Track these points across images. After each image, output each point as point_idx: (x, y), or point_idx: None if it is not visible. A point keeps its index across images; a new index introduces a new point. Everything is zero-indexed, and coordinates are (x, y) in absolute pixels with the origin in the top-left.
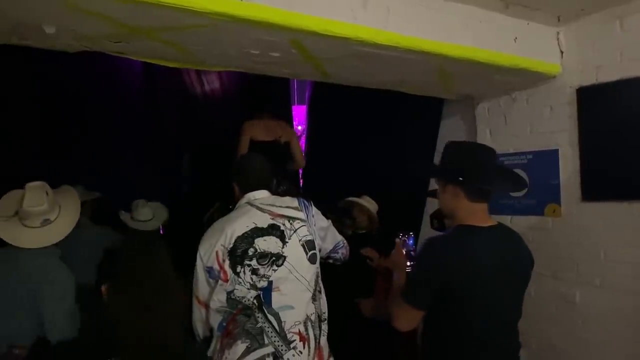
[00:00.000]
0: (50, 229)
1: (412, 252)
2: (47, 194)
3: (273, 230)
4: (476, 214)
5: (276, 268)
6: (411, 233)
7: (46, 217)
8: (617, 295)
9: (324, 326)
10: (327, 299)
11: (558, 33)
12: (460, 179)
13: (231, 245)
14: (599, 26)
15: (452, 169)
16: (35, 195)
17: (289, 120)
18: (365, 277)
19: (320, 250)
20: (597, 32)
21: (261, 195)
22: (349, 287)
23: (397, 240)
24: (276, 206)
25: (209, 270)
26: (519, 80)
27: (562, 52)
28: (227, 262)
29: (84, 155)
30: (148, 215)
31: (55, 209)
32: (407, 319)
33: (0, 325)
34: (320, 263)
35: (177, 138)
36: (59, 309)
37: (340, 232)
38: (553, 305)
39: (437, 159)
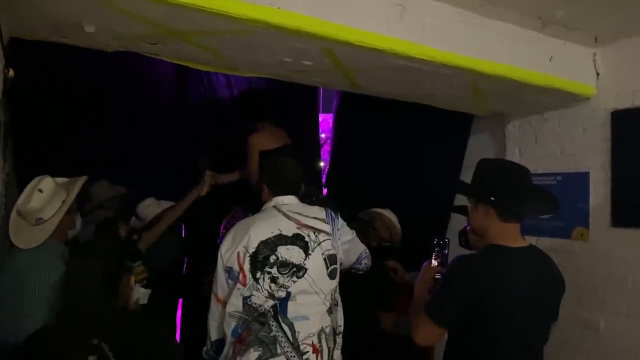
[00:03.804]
0: (42, 229)
1: (446, 260)
2: (40, 191)
3: (297, 240)
4: (508, 234)
5: (296, 279)
6: (447, 239)
7: (39, 216)
8: None
9: (339, 339)
10: (348, 310)
11: (595, 54)
12: (492, 198)
13: (254, 249)
14: (637, 49)
15: (484, 188)
16: (27, 193)
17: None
18: (387, 290)
19: (341, 264)
20: (635, 55)
21: (289, 201)
22: (370, 299)
23: (434, 254)
24: (303, 215)
25: (229, 271)
26: (552, 100)
27: (597, 74)
28: (248, 265)
29: (109, 150)
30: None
31: (51, 207)
32: (428, 334)
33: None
34: (343, 273)
35: (200, 140)
36: (35, 306)
37: (364, 243)
38: (576, 332)
39: (464, 175)
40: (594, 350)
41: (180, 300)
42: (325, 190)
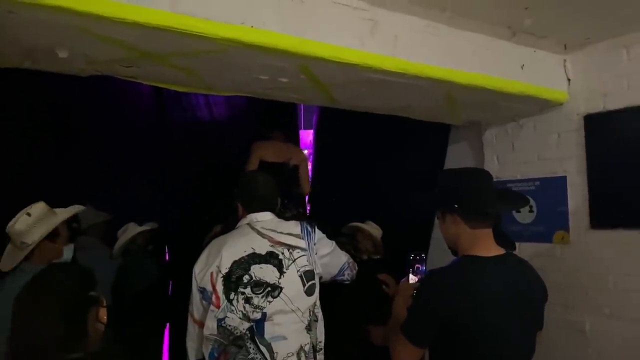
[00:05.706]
0: (23, 253)
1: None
2: (28, 215)
3: (271, 258)
4: (480, 243)
5: (271, 299)
6: (423, 254)
7: (22, 240)
8: (627, 325)
9: (319, 356)
10: (341, 324)
11: (565, 60)
12: (456, 206)
13: (227, 270)
14: (605, 54)
15: (447, 197)
16: (18, 215)
17: (296, 144)
18: (380, 303)
19: (321, 279)
20: (603, 60)
21: (264, 217)
22: (363, 312)
23: (410, 274)
24: (277, 232)
25: (202, 292)
26: (526, 107)
27: (569, 80)
28: (221, 287)
29: (92, 176)
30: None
31: (35, 232)
32: (406, 353)
33: None
34: (339, 287)
35: (182, 161)
36: None
37: (354, 257)
38: (562, 334)
39: None
40: (581, 352)
41: (168, 325)
42: (309, 207)
